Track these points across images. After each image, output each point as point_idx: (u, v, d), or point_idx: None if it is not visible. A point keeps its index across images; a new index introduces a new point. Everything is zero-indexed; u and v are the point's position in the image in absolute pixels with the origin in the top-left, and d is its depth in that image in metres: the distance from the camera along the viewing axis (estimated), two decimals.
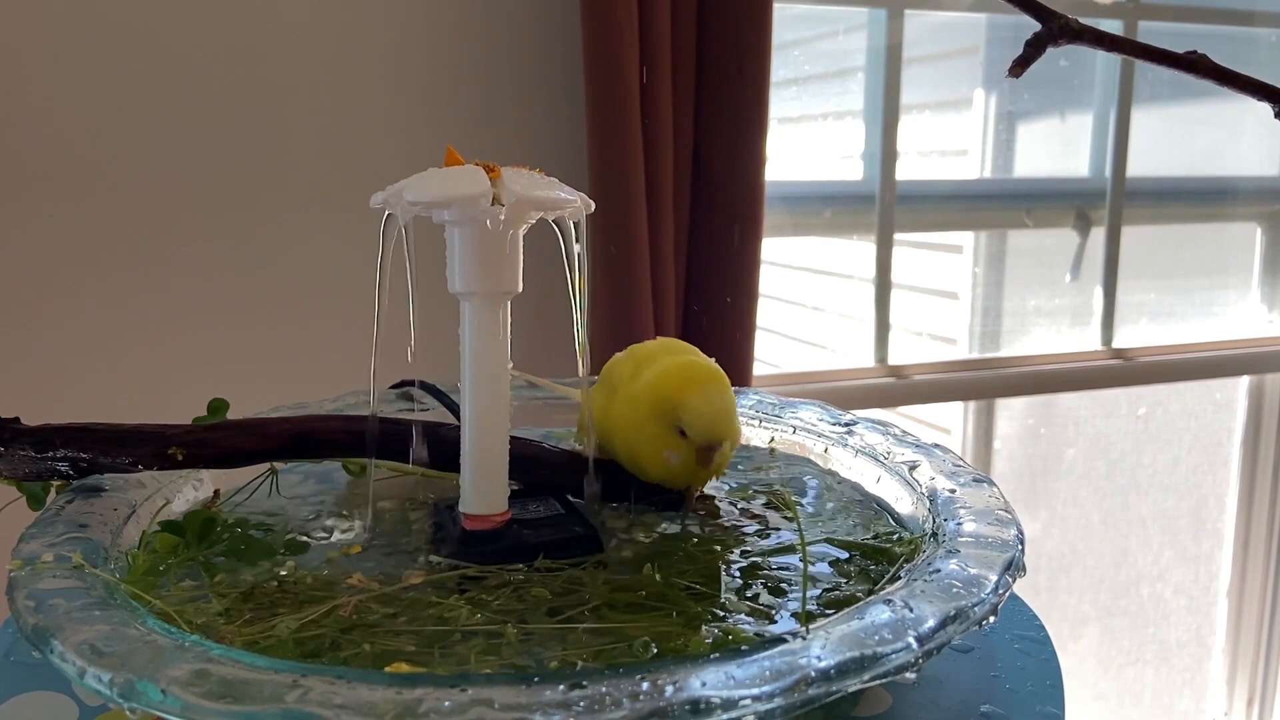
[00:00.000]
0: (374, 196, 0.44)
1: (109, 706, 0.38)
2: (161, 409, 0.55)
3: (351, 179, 1.11)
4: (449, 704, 0.29)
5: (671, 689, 0.30)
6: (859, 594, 0.41)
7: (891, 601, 0.35)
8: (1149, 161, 1.61)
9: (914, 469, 0.51)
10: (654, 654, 0.36)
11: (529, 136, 1.17)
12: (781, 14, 1.19)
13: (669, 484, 0.50)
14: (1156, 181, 1.65)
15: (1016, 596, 0.46)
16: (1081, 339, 1.64)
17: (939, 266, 1.64)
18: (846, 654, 0.32)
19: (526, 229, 0.45)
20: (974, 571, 0.38)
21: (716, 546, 0.47)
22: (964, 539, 0.41)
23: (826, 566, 0.44)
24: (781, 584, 0.42)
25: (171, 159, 1.06)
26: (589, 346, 0.50)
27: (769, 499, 0.53)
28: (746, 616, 0.39)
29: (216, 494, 0.53)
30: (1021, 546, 0.40)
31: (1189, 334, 1.71)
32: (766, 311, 1.27)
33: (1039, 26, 0.38)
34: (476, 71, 1.14)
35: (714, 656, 0.32)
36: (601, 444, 0.52)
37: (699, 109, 1.16)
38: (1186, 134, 1.70)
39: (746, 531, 0.49)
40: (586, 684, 0.30)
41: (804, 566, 0.44)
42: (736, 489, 0.54)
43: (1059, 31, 0.37)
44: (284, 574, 0.43)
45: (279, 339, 1.12)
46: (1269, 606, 1.86)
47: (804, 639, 0.33)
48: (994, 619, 0.36)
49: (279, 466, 0.55)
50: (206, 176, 1.07)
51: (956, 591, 0.36)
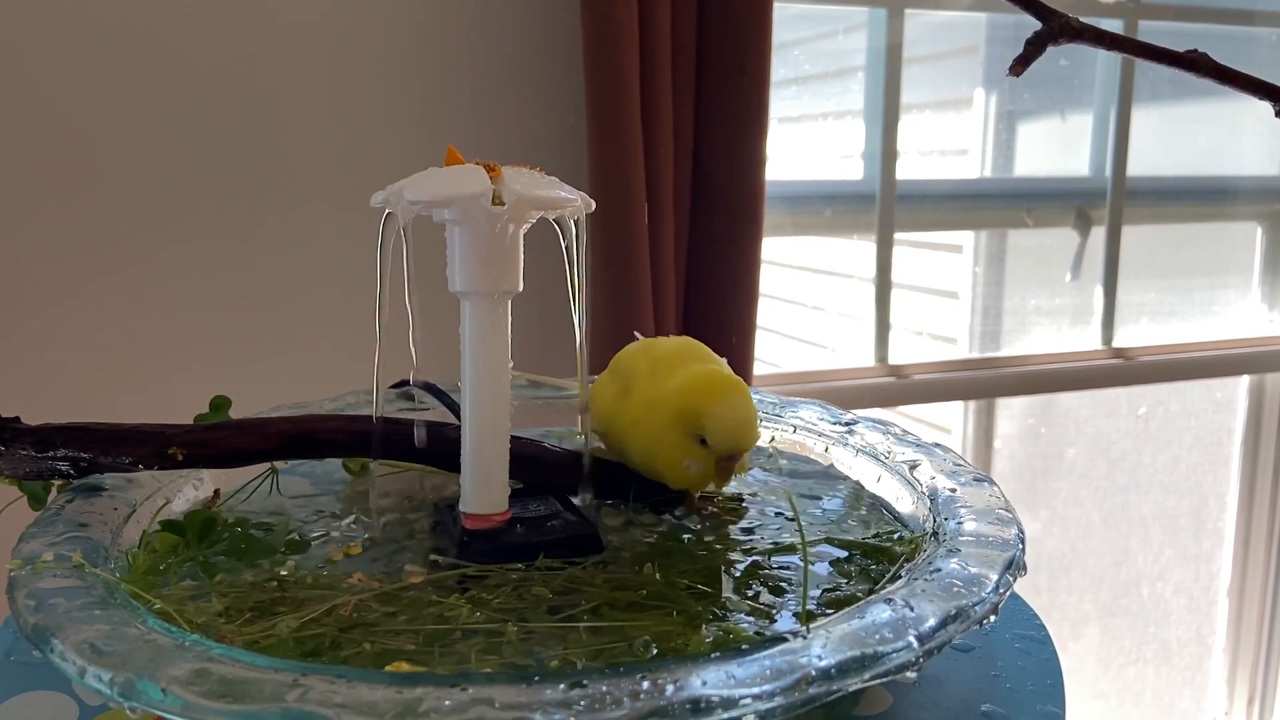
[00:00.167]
0: (374, 196, 0.44)
1: (109, 706, 0.38)
2: (162, 408, 0.55)
3: (352, 178, 1.11)
4: (449, 703, 0.29)
5: (672, 688, 0.30)
6: (859, 593, 0.41)
7: (892, 600, 0.35)
8: (1149, 161, 1.61)
9: (914, 468, 0.51)
10: (654, 653, 0.36)
11: (529, 136, 1.17)
12: (781, 13, 1.19)
13: (683, 489, 0.50)
14: (1157, 181, 1.65)
15: (1017, 596, 0.46)
16: (1082, 338, 1.64)
17: (939, 266, 1.64)
18: (847, 653, 0.32)
19: (527, 228, 0.45)
20: (974, 571, 0.38)
21: (717, 546, 0.47)
22: (964, 538, 0.41)
23: (827, 566, 0.44)
24: (782, 583, 0.42)
25: (173, 159, 1.06)
26: (589, 346, 0.50)
27: (769, 498, 0.53)
28: (747, 616, 0.39)
29: (216, 493, 0.53)
30: (1022, 545, 0.40)
31: (1189, 333, 1.71)
32: (766, 311, 1.27)
33: (1039, 25, 0.38)
34: (476, 71, 1.14)
35: (714, 656, 0.31)
36: (612, 444, 0.52)
37: (699, 109, 1.16)
38: (1187, 133, 1.70)
39: (747, 531, 0.49)
40: (587, 683, 0.30)
41: (804, 566, 0.44)
42: (737, 488, 0.54)
43: (1059, 30, 0.37)
44: (284, 573, 0.43)
45: (279, 338, 1.12)
46: (1269, 606, 1.86)
47: (804, 638, 0.33)
48: (994, 618, 0.36)
49: (279, 466, 0.55)
50: (207, 176, 1.07)
51: (957, 591, 0.36)
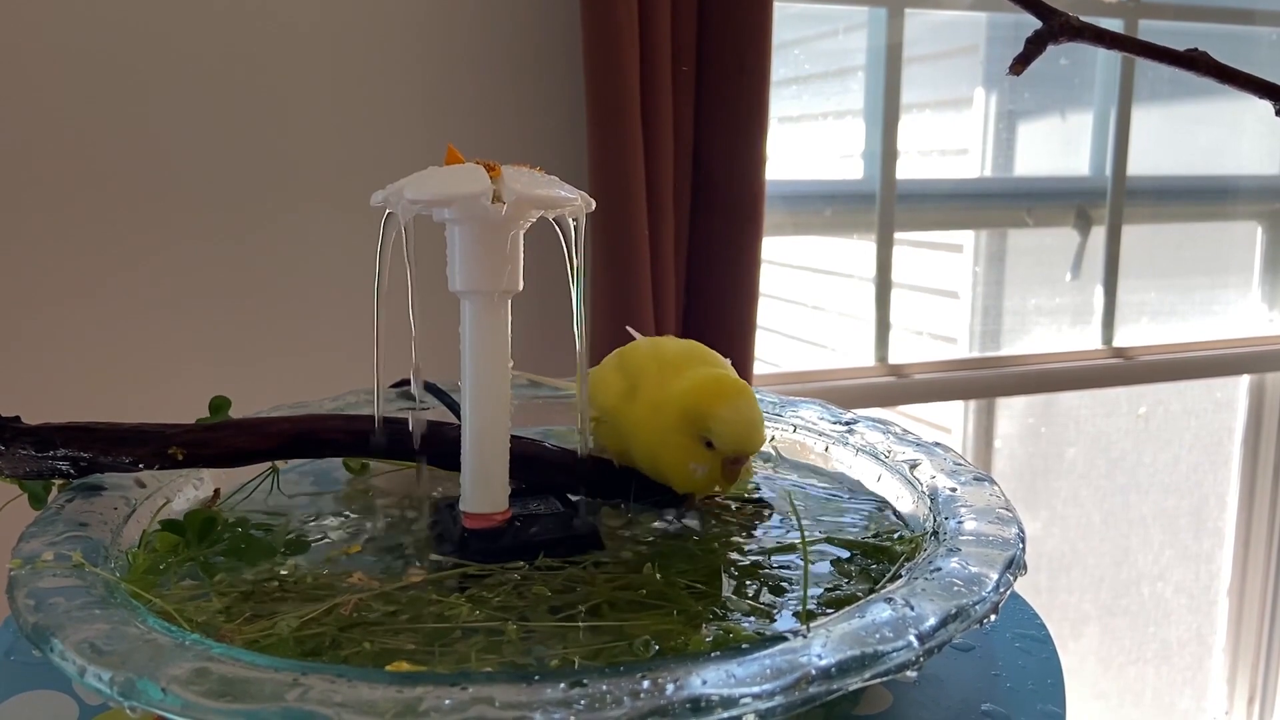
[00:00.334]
0: (374, 195, 0.44)
1: (109, 705, 0.38)
2: (162, 408, 0.55)
3: (352, 177, 1.11)
4: (449, 702, 0.29)
5: (672, 687, 0.30)
6: (860, 593, 0.41)
7: (892, 600, 0.35)
8: (1149, 160, 1.61)
9: (915, 467, 0.51)
10: (655, 652, 0.36)
11: (529, 136, 1.17)
12: (782, 13, 1.19)
13: (690, 491, 0.50)
14: (1157, 180, 1.65)
15: (1017, 595, 0.46)
16: (1082, 338, 1.64)
17: (939, 265, 1.64)
18: (847, 652, 0.31)
19: (527, 228, 0.45)
20: (975, 570, 0.37)
21: (717, 545, 0.47)
22: (965, 537, 0.41)
23: (827, 565, 0.44)
24: (782, 583, 0.42)
25: (173, 159, 1.06)
26: (589, 345, 0.50)
27: (769, 497, 0.53)
28: (747, 615, 0.39)
29: (217, 493, 0.53)
30: (1022, 545, 0.40)
31: (1189, 333, 1.71)
32: (767, 311, 1.27)
33: (1040, 24, 0.38)
34: (477, 71, 1.14)
35: (715, 655, 0.31)
36: (616, 442, 0.51)
37: (699, 109, 1.16)
38: (1187, 133, 1.70)
39: (747, 530, 0.49)
40: (587, 682, 0.30)
41: (805, 565, 0.44)
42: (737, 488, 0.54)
43: (1059, 29, 0.37)
44: (284, 573, 0.43)
45: (279, 338, 1.12)
46: (1270, 605, 1.86)
47: (805, 637, 0.33)
48: (995, 617, 0.36)
49: (279, 465, 0.55)
50: (207, 176, 1.07)
51: (957, 590, 0.36)
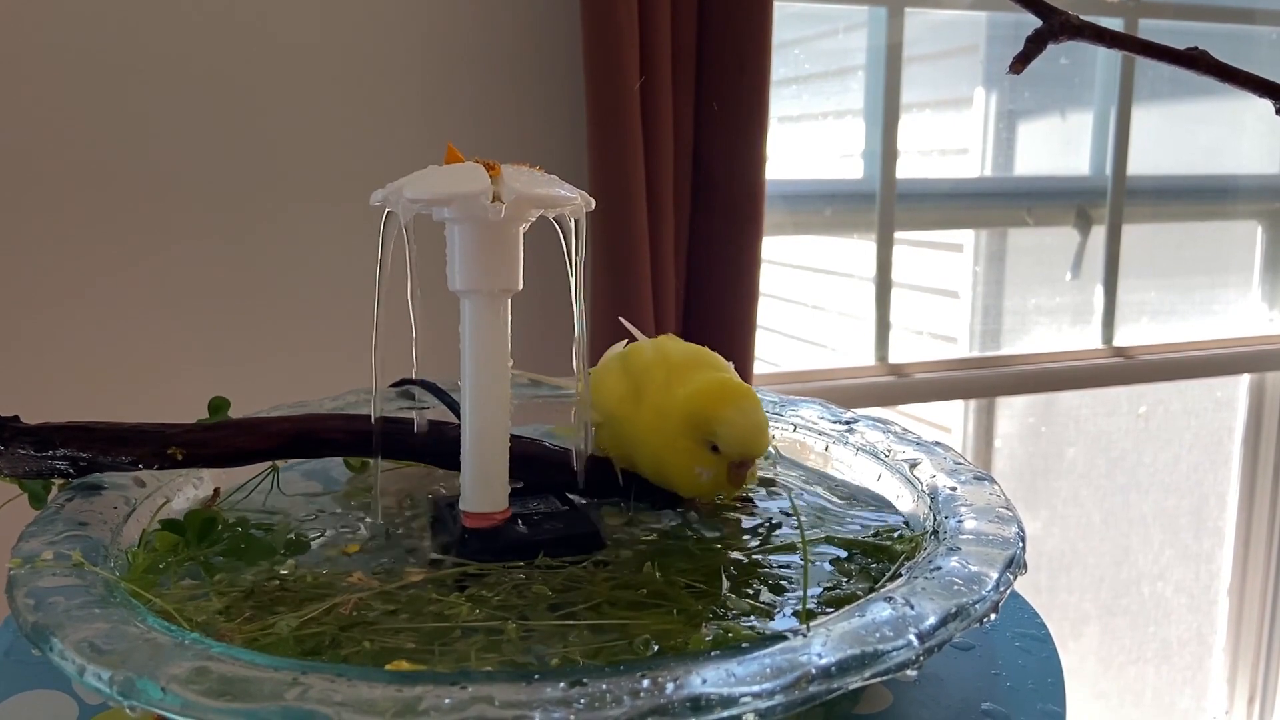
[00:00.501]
0: (374, 194, 0.44)
1: (109, 704, 0.38)
2: (162, 407, 0.55)
3: (351, 177, 1.11)
4: (449, 701, 0.29)
5: (672, 686, 0.29)
6: (860, 592, 0.41)
7: (892, 599, 0.35)
8: (1150, 159, 1.61)
9: (915, 467, 0.51)
10: (654, 651, 0.36)
11: (529, 136, 1.17)
12: (781, 12, 1.19)
13: (694, 496, 0.50)
14: (1157, 180, 1.65)
15: (1017, 594, 0.46)
16: (1082, 337, 1.64)
17: (939, 265, 1.64)
18: (847, 651, 0.31)
19: (527, 227, 0.45)
20: (975, 569, 0.37)
21: (717, 544, 0.47)
22: (965, 536, 0.41)
23: (827, 564, 0.44)
24: (782, 582, 0.42)
25: (173, 159, 1.06)
26: (589, 345, 0.50)
27: (769, 496, 0.53)
28: (747, 614, 0.39)
29: (216, 492, 0.53)
30: (1022, 544, 0.40)
31: (1190, 332, 1.71)
32: (767, 310, 1.27)
33: (1040, 23, 0.38)
34: (476, 70, 1.14)
35: (714, 654, 0.31)
36: (619, 445, 0.51)
37: (699, 109, 1.16)
38: (1187, 132, 1.70)
39: (747, 529, 0.49)
40: (587, 681, 0.30)
41: (805, 564, 0.44)
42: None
43: (1060, 28, 0.37)
44: (284, 572, 0.43)
45: (279, 337, 1.12)
46: (1270, 605, 1.86)
47: (805, 636, 0.32)
48: (995, 617, 0.36)
49: (279, 465, 0.55)
50: (207, 175, 1.07)
51: (957, 589, 0.36)
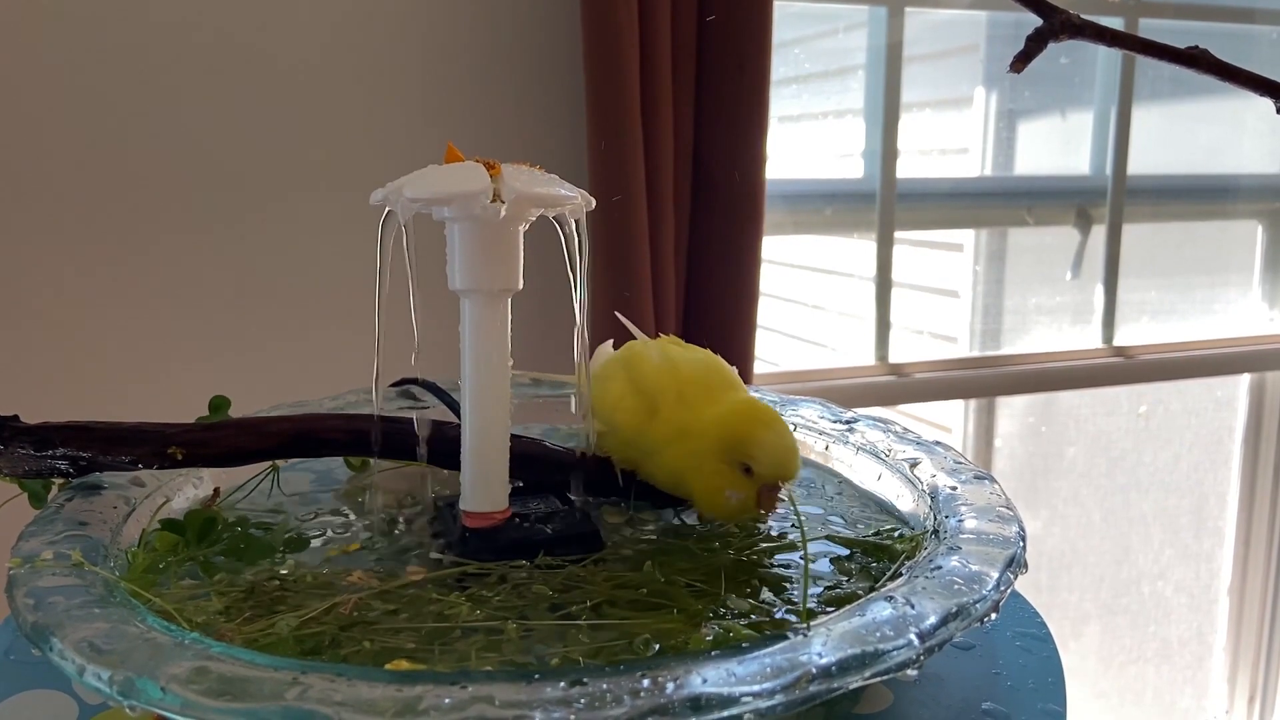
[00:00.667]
0: (374, 194, 0.44)
1: (109, 704, 0.38)
2: (161, 407, 0.55)
3: (352, 176, 1.11)
4: (449, 701, 0.29)
5: (672, 686, 0.29)
6: (860, 591, 0.41)
7: (893, 598, 0.35)
8: (1150, 159, 1.61)
9: (915, 466, 0.51)
10: (655, 651, 0.36)
11: (529, 135, 1.17)
12: (782, 12, 1.19)
13: (721, 519, 0.49)
14: (1157, 179, 1.65)
15: (1018, 594, 0.46)
16: (1082, 337, 1.64)
17: (940, 264, 1.64)
18: (848, 651, 0.31)
19: (527, 226, 0.45)
20: (975, 568, 0.37)
21: (717, 544, 0.47)
22: (965, 536, 0.41)
23: (827, 564, 0.44)
24: (782, 581, 0.42)
25: (172, 157, 1.06)
26: (589, 344, 0.50)
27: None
28: (747, 614, 0.39)
29: (216, 492, 0.53)
30: (1022, 543, 0.40)
31: (1190, 332, 1.71)
32: (767, 310, 1.27)
33: (1040, 22, 0.38)
34: (476, 70, 1.14)
35: (715, 653, 0.31)
36: (627, 459, 0.51)
37: (699, 109, 1.16)
38: (1187, 131, 1.70)
39: (747, 528, 0.49)
40: (587, 681, 0.30)
41: (805, 564, 0.43)
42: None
43: (1060, 26, 0.37)
44: (284, 572, 0.43)
45: (279, 337, 1.12)
46: (1270, 604, 1.86)
47: (805, 636, 0.32)
48: (995, 616, 0.36)
49: (279, 464, 0.55)
50: (207, 175, 1.07)
51: (958, 588, 0.36)
